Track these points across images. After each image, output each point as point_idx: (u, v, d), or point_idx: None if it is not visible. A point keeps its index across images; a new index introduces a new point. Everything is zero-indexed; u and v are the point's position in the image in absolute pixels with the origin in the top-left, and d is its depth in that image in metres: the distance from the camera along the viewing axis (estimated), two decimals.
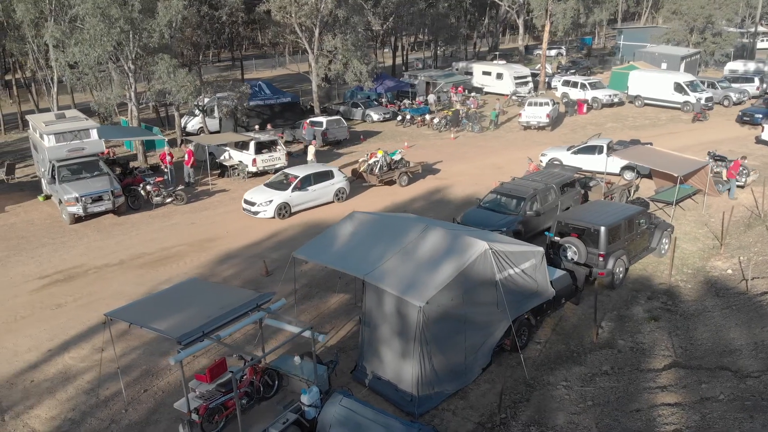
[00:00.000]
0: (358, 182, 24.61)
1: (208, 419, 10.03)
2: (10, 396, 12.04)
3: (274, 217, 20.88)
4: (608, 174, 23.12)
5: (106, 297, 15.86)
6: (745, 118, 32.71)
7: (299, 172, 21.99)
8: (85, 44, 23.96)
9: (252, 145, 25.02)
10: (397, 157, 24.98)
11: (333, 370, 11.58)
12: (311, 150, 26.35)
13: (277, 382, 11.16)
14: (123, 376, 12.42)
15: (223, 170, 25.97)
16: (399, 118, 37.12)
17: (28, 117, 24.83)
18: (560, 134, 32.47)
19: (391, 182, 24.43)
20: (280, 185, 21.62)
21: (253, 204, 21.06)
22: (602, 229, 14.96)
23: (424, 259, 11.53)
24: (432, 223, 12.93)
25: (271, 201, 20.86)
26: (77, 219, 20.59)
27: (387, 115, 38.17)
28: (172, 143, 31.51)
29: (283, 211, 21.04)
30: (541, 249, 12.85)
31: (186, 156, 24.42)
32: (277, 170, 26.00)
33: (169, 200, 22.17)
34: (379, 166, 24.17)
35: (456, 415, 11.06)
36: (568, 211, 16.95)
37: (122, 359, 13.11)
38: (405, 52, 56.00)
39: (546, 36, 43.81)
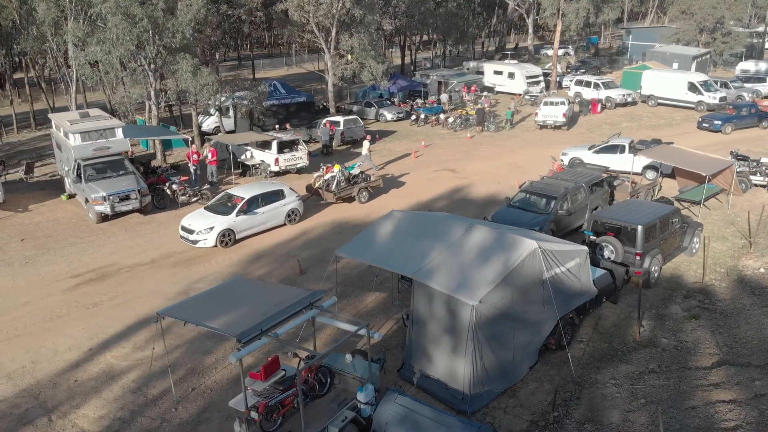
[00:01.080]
0: (313, 200, 22.37)
1: (267, 417, 10.03)
2: (54, 396, 12.02)
3: (216, 246, 18.29)
4: (633, 173, 23.15)
5: (142, 296, 15.85)
6: (704, 125, 31.76)
7: (245, 192, 19.44)
8: (107, 43, 23.93)
9: (275, 144, 24.99)
10: (355, 171, 22.99)
11: (382, 368, 11.59)
12: (366, 145, 26.53)
13: (328, 380, 11.16)
14: (167, 376, 12.41)
15: (245, 169, 25.95)
16: (413, 117, 37.11)
17: (50, 116, 24.77)
18: (577, 133, 32.50)
19: (349, 199, 22.27)
20: (223, 208, 18.91)
21: (191, 232, 18.29)
22: (639, 228, 14.99)
23: (472, 258, 11.55)
24: (475, 221, 12.95)
25: (211, 228, 18.20)
26: (104, 218, 20.55)
27: (401, 115, 38.17)
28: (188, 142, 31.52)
29: (227, 238, 18.43)
30: (586, 248, 12.87)
31: (210, 155, 24.37)
32: (299, 170, 26.05)
33: (194, 199, 22.14)
34: (336, 181, 22.03)
35: (507, 413, 11.07)
36: (603, 210, 16.97)
37: (164, 358, 13.05)
38: (413, 52, 55.98)
39: (557, 36, 43.86)
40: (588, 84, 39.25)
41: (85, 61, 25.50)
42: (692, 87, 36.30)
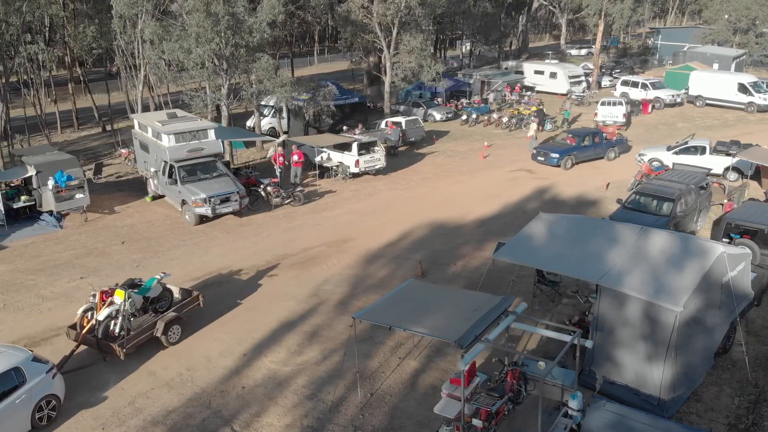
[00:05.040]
0: (77, 358, 13.00)
1: (488, 424, 9.93)
2: (227, 404, 11.82)
3: None
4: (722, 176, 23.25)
5: (273, 298, 15.68)
6: (539, 158, 26.66)
7: None
8: (188, 41, 23.62)
9: (355, 146, 24.82)
10: (154, 293, 13.77)
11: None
12: (533, 126, 28.25)
13: (524, 387, 11.07)
14: (336, 380, 12.29)
15: (322, 171, 25.75)
16: (463, 117, 37.04)
17: (133, 116, 24.46)
18: (635, 134, 32.51)
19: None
20: None
21: None
22: None
23: (661, 263, 11.48)
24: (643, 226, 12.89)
25: None
26: (201, 220, 20.32)
27: (449, 115, 38.10)
28: (250, 143, 31.30)
29: None
30: (749, 252, 12.86)
31: (296, 157, 24.14)
32: (377, 171, 25.86)
33: (287, 201, 21.95)
34: (120, 320, 12.82)
35: (701, 417, 11.04)
36: (733, 212, 16.99)
37: (325, 362, 12.97)
38: (443, 51, 55.91)
39: (600, 36, 43.90)
40: (635, 84, 39.32)
41: (158, 58, 25.20)
42: (742, 88, 36.45)
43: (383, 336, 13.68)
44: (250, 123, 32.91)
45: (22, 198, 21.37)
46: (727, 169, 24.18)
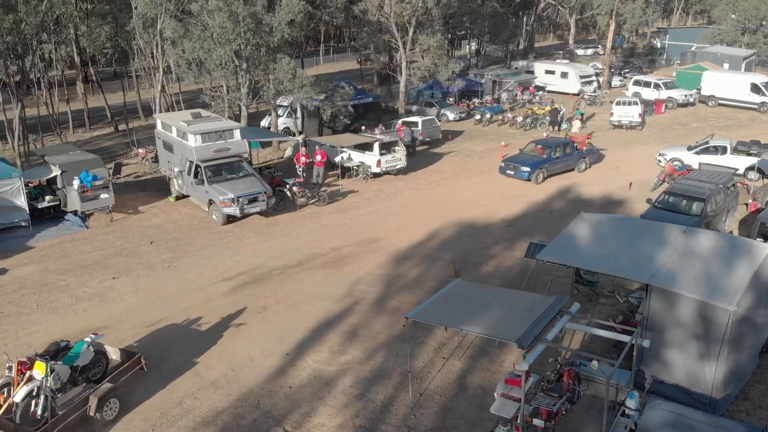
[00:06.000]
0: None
1: (548, 424, 9.94)
2: (276, 405, 11.78)
3: None
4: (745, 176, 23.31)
5: (308, 298, 15.66)
6: (508, 172, 24.78)
7: None
8: (208, 41, 23.60)
9: (376, 146, 24.81)
10: (84, 360, 11.51)
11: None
12: (577, 124, 28.55)
13: (578, 387, 11.09)
14: (383, 380, 12.29)
15: (343, 171, 25.74)
16: (477, 117, 37.06)
17: (156, 115, 24.41)
18: (651, 134, 32.62)
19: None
20: None
21: None
22: None
23: (709, 263, 11.52)
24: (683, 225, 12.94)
25: None
26: (229, 220, 20.29)
27: (462, 115, 38.13)
28: (266, 143, 31.24)
29: None
30: None
31: (319, 157, 24.13)
32: (398, 171, 25.85)
33: (312, 201, 21.94)
34: (42, 399, 10.52)
35: (750, 415, 11.08)
36: (765, 212, 17.04)
37: (369, 362, 12.97)
38: (451, 51, 55.84)
39: (611, 36, 43.97)
40: (648, 84, 39.39)
41: (178, 58, 25.15)
42: (755, 88, 36.54)
43: (425, 335, 13.68)
44: (264, 123, 32.86)
45: (47, 198, 21.31)
46: (749, 168, 24.25)
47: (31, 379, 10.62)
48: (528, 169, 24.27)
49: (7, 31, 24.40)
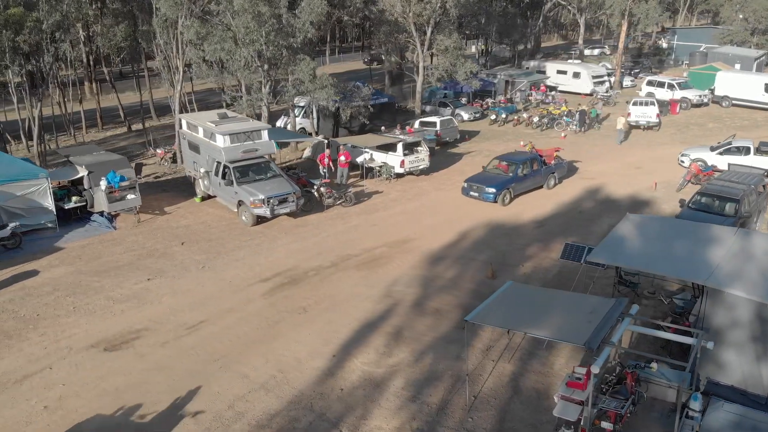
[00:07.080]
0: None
1: (616, 426, 9.91)
2: (330, 407, 11.72)
3: None
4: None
5: (347, 298, 15.61)
6: (471, 193, 22.52)
7: None
8: (229, 42, 23.49)
9: (400, 146, 24.76)
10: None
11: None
12: (621, 120, 28.81)
13: (640, 389, 11.06)
14: (434, 382, 12.24)
15: (367, 172, 25.66)
16: (492, 117, 37.05)
17: (181, 116, 24.27)
18: (668, 134, 32.65)
19: None
20: None
21: None
22: None
23: (762, 263, 11.51)
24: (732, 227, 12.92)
25: None
26: (258, 221, 20.21)
27: (477, 115, 38.11)
28: (284, 144, 31.15)
29: None
30: None
31: (343, 158, 24.06)
32: (421, 171, 25.78)
33: (339, 202, 21.88)
34: None
35: None
36: None
37: (418, 364, 12.91)
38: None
39: (623, 36, 44.01)
40: (661, 84, 39.43)
41: (201, 58, 25.07)
42: None
43: (470, 338, 13.62)
44: (279, 123, 32.77)
45: (74, 199, 21.19)
46: None
47: None
48: (493, 190, 21.94)
49: (29, 29, 24.25)
